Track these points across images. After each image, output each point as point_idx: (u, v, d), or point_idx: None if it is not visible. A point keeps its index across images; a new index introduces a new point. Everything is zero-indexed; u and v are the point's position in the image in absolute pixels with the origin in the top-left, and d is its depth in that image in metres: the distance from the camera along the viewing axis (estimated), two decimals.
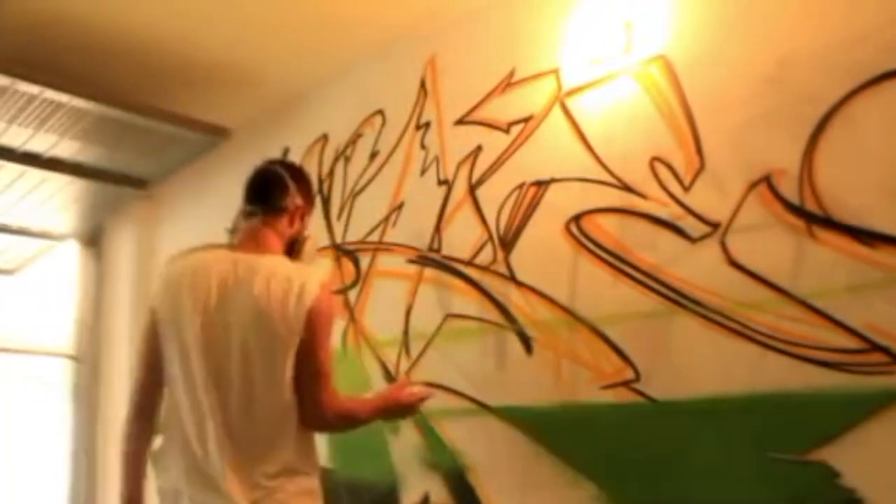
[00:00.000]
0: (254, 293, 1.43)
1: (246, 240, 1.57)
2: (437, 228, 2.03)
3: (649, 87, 1.63)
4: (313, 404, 1.43)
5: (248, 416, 1.40)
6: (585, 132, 1.73)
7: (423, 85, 2.17)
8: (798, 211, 1.36)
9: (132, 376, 1.51)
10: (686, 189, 1.53)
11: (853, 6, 1.33)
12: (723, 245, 1.45)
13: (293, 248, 1.61)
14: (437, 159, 2.08)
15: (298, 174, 1.66)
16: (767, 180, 1.40)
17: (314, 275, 1.47)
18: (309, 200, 1.64)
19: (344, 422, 1.54)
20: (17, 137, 2.60)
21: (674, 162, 1.56)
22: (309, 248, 1.64)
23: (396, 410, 1.60)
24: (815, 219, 1.33)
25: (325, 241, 2.39)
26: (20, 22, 2.07)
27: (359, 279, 2.25)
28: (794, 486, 1.32)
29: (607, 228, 1.65)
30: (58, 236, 3.62)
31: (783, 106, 1.40)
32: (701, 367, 1.46)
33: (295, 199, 1.59)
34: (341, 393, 1.49)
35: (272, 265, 1.48)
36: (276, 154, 2.68)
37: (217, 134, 2.79)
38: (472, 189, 1.96)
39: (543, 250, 1.77)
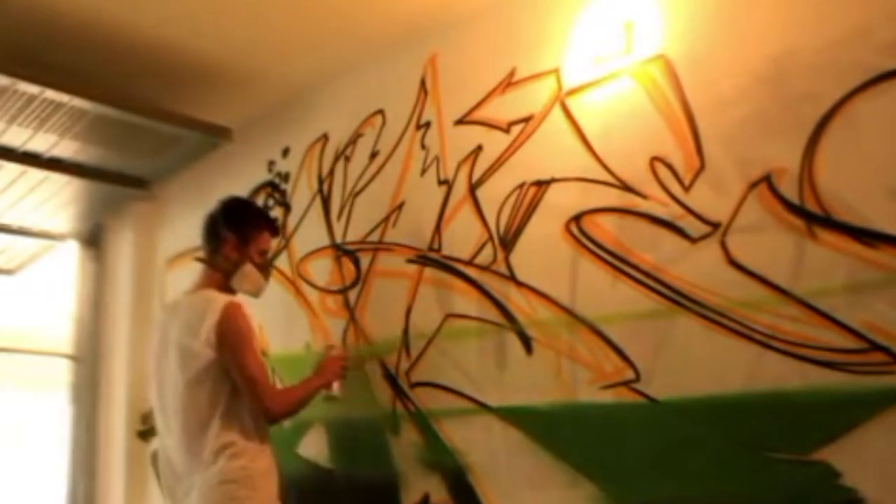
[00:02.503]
0: (177, 328, 1.79)
1: (195, 281, 1.92)
2: (437, 228, 2.03)
3: (649, 87, 1.63)
4: (254, 407, 1.72)
5: (181, 430, 1.75)
6: (586, 132, 1.73)
7: (423, 85, 2.17)
8: (798, 211, 1.36)
9: None
10: (686, 189, 1.53)
11: (853, 5, 1.33)
12: (723, 245, 1.46)
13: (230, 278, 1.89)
14: (437, 159, 2.08)
15: (228, 209, 1.95)
16: (767, 180, 1.41)
17: (219, 299, 1.77)
18: (241, 231, 1.89)
19: (290, 406, 1.81)
20: (17, 137, 2.60)
21: (674, 162, 1.56)
22: (236, 276, 1.89)
23: (325, 372, 1.93)
24: (815, 218, 1.34)
25: (325, 241, 2.40)
26: (20, 22, 2.07)
27: (359, 279, 2.25)
28: (794, 486, 1.32)
29: (607, 228, 1.65)
30: (58, 236, 3.61)
31: (783, 105, 1.40)
32: (701, 366, 1.46)
33: (224, 234, 1.88)
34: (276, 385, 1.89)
35: (191, 300, 1.83)
36: (276, 154, 2.69)
37: (217, 134, 2.79)
38: (472, 189, 1.96)
39: (543, 250, 1.77)
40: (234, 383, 1.73)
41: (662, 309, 1.53)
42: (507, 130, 1.91)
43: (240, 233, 1.89)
